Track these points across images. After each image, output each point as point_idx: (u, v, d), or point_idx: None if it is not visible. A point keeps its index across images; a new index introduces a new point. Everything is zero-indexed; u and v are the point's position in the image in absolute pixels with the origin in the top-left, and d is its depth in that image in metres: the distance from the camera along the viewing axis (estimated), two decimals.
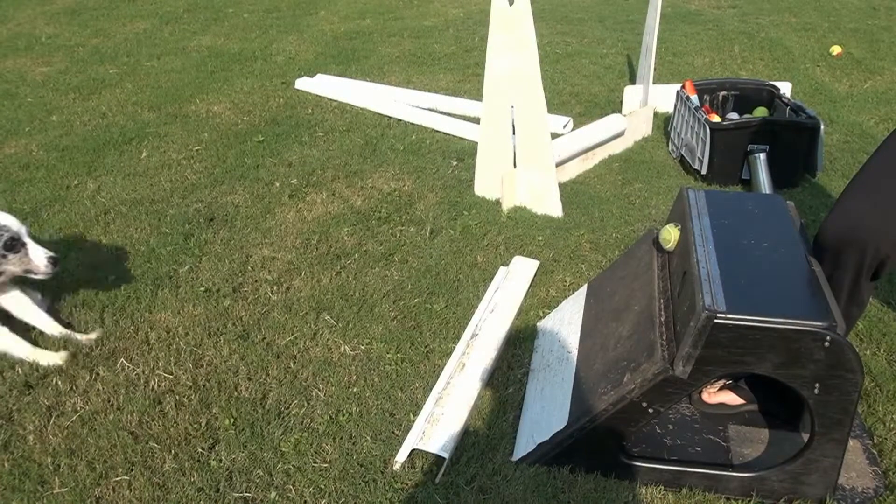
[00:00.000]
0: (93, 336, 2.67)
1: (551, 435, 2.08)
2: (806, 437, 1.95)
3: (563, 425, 2.07)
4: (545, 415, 2.20)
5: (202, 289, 2.98)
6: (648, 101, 4.55)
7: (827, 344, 1.72)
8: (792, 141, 3.71)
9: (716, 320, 1.75)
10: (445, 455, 2.12)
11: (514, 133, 3.47)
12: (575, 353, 2.35)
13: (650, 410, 1.95)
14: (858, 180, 2.07)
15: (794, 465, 1.94)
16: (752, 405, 2.30)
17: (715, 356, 1.80)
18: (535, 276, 3.02)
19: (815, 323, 1.72)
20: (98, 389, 2.45)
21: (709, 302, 1.79)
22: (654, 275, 2.24)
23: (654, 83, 4.55)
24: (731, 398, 2.30)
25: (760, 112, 4.09)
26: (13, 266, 2.50)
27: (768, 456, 2.13)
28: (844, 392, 1.78)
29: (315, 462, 2.17)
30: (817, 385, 1.79)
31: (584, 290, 2.65)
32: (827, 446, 1.88)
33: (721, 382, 2.33)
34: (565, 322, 2.59)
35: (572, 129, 4.36)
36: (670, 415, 2.30)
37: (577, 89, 5.28)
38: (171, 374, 2.51)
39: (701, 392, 2.33)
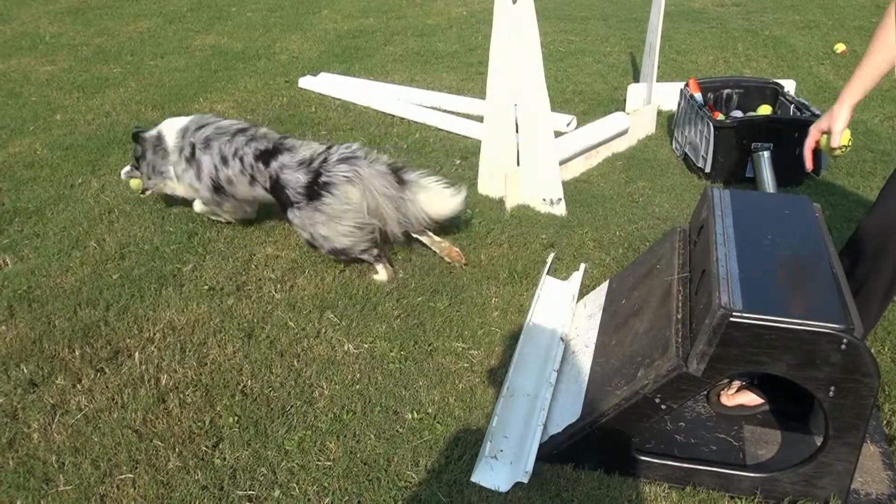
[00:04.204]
0: None
1: (564, 427, 2.09)
2: (820, 439, 1.94)
3: (575, 418, 2.08)
4: (559, 407, 2.21)
5: (206, 287, 2.98)
6: (652, 99, 4.54)
7: (843, 346, 1.70)
8: (796, 139, 3.69)
9: (731, 319, 1.75)
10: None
11: (517, 131, 3.46)
12: (592, 347, 2.35)
13: (663, 406, 1.94)
14: None
15: (807, 468, 1.93)
16: (770, 405, 2.29)
17: (729, 355, 1.80)
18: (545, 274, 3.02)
19: (831, 325, 1.70)
20: (102, 388, 2.45)
21: (725, 300, 1.78)
22: (675, 272, 2.24)
23: (657, 81, 4.55)
24: (749, 399, 2.29)
25: (764, 110, 4.08)
26: None
27: (782, 457, 2.12)
28: (860, 396, 1.77)
29: (319, 460, 2.17)
30: (832, 388, 1.77)
31: (605, 285, 2.67)
32: (841, 450, 1.86)
33: (738, 384, 2.32)
34: (585, 316, 2.59)
35: (576, 128, 4.35)
36: (685, 412, 2.30)
37: (581, 87, 5.28)
38: (176, 372, 2.52)
39: (719, 395, 2.33)
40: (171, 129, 3.22)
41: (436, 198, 2.95)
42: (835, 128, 2.11)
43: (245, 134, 3.06)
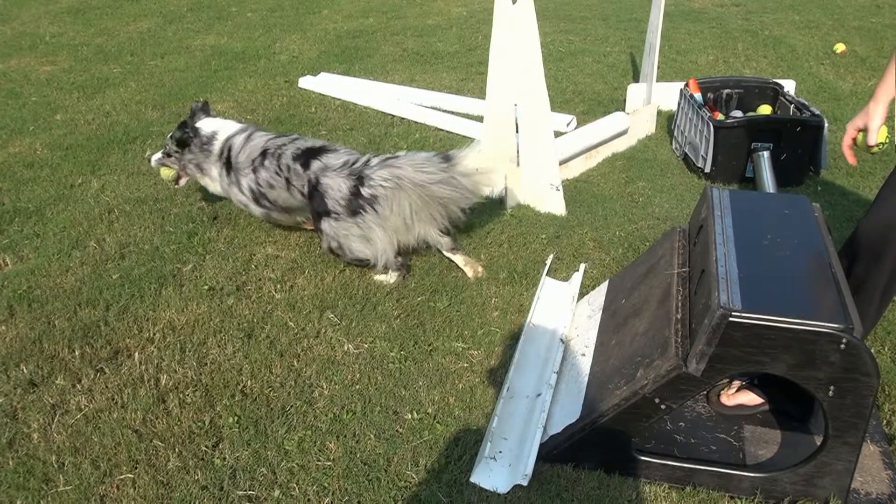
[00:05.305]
0: None
1: (563, 427, 2.09)
2: (820, 439, 1.94)
3: (575, 418, 2.08)
4: (559, 407, 2.21)
5: (206, 287, 2.98)
6: (652, 99, 4.54)
7: (843, 346, 1.70)
8: (796, 139, 3.70)
9: (730, 318, 1.75)
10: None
11: (517, 131, 3.46)
12: (592, 347, 2.35)
13: (662, 406, 1.94)
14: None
15: (807, 468, 1.93)
16: (770, 405, 2.29)
17: (729, 355, 1.80)
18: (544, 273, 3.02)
19: (831, 325, 1.70)
20: (102, 388, 2.45)
21: (724, 300, 1.78)
22: (674, 272, 2.24)
23: (657, 81, 4.55)
24: (749, 399, 2.29)
25: (764, 110, 4.08)
26: None
27: (781, 457, 2.12)
28: (859, 395, 1.77)
29: (319, 460, 2.17)
30: (832, 387, 1.77)
31: (604, 286, 2.66)
32: (840, 450, 1.87)
33: (737, 384, 2.32)
34: (584, 316, 2.59)
35: (575, 128, 4.36)
36: (684, 412, 2.30)
37: (581, 87, 5.28)
38: (175, 372, 2.52)
39: (719, 395, 2.33)
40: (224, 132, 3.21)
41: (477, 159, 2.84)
42: (871, 125, 2.11)
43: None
